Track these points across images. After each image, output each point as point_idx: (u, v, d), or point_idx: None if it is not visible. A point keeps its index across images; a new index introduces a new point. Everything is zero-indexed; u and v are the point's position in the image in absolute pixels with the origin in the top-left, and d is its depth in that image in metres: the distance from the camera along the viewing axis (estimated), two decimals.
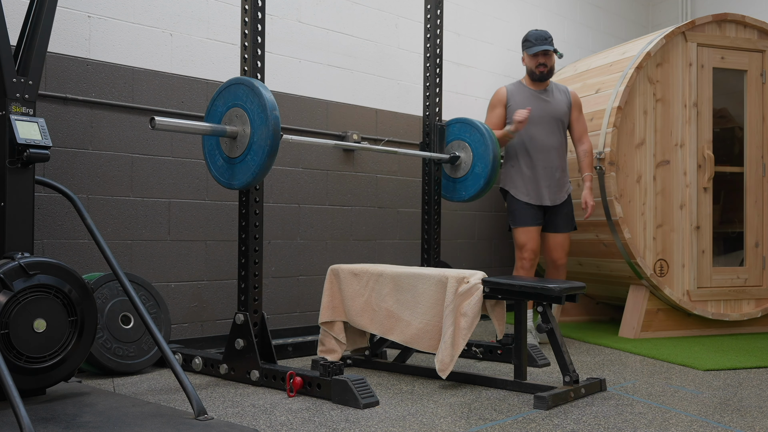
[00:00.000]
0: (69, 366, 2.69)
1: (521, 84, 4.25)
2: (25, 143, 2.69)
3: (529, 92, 4.20)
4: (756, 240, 4.81)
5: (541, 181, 4.13)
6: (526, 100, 4.16)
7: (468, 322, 3.00)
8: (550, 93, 4.23)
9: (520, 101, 4.16)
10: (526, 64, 4.20)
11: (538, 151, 4.14)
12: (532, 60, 4.16)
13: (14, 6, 3.34)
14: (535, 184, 4.13)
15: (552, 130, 4.17)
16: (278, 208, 4.39)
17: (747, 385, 3.19)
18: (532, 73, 4.18)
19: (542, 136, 4.15)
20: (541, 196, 4.13)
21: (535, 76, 4.18)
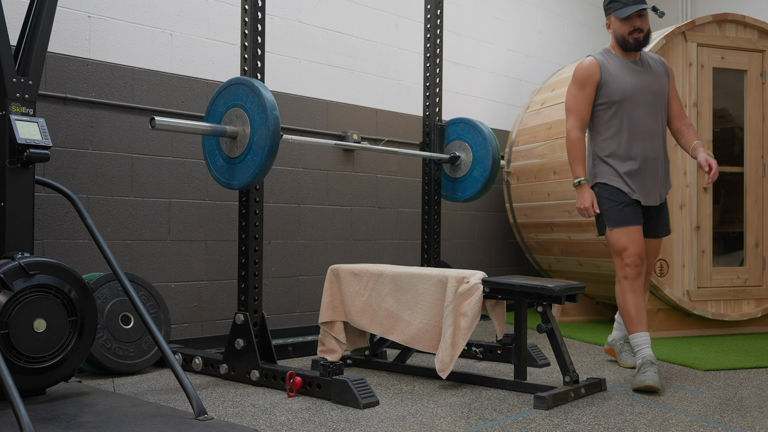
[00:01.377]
0: (69, 366, 2.69)
1: (610, 52, 3.39)
2: (25, 143, 2.69)
3: (623, 63, 3.33)
4: (756, 240, 4.81)
5: (647, 175, 3.28)
6: (623, 73, 3.30)
7: (468, 322, 3.00)
8: (645, 64, 3.36)
9: (616, 74, 3.30)
10: (615, 30, 3.36)
11: (642, 137, 3.28)
12: (624, 25, 3.30)
13: (14, 6, 3.34)
14: (641, 179, 3.27)
15: (656, 109, 3.32)
16: (278, 208, 4.39)
17: (747, 385, 3.19)
18: (625, 42, 3.31)
19: (645, 118, 3.29)
20: (646, 193, 3.28)
21: (629, 45, 3.31)
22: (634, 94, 3.27)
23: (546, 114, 5.25)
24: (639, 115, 3.28)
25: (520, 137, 5.44)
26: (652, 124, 3.29)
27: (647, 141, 3.28)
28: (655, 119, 3.31)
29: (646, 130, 3.28)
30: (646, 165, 3.27)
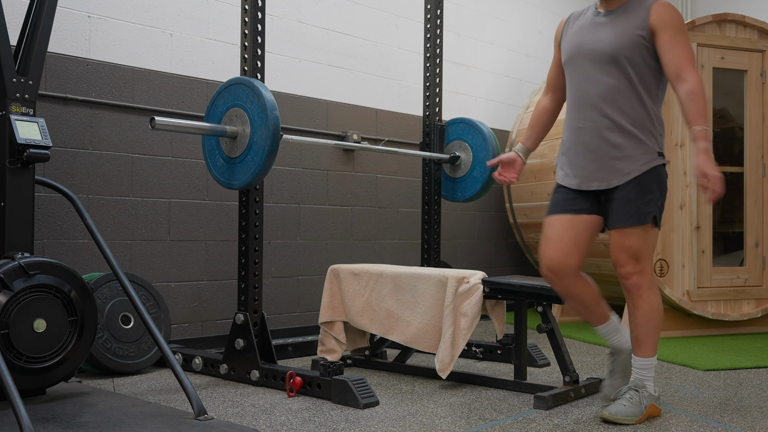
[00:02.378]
0: (69, 366, 2.69)
1: (592, 7, 2.76)
2: (25, 143, 2.69)
3: (589, 18, 2.72)
4: (756, 240, 4.81)
5: (580, 151, 2.67)
6: (578, 30, 2.72)
7: (468, 322, 3.00)
8: (620, 14, 2.63)
9: (572, 32, 2.75)
10: None
11: (579, 106, 2.69)
12: None
13: (14, 6, 3.34)
14: (573, 156, 2.70)
15: (600, 70, 2.62)
16: (278, 208, 4.39)
17: (747, 385, 3.19)
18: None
19: (583, 82, 2.67)
20: (580, 174, 2.66)
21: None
22: (575, 54, 2.68)
23: None
24: (577, 79, 2.70)
25: (520, 137, 5.44)
26: (590, 89, 2.63)
27: (582, 110, 2.66)
28: (595, 82, 2.62)
29: (582, 96, 2.67)
30: (578, 139, 2.66)
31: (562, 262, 2.63)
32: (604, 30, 2.62)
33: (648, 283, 2.58)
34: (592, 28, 2.66)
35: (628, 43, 2.56)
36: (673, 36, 2.53)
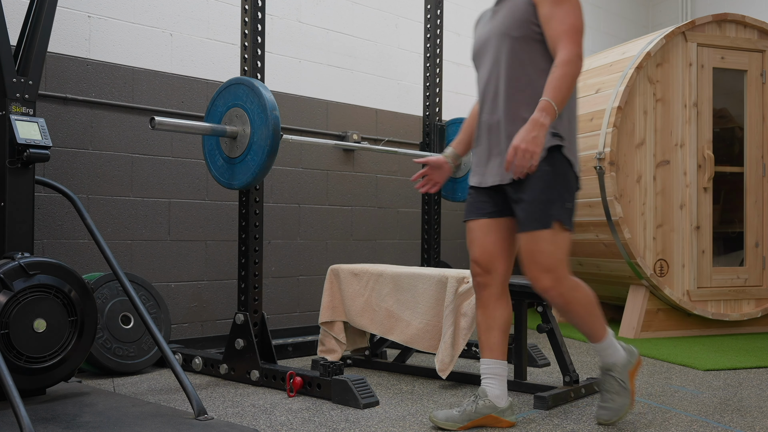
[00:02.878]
0: (69, 366, 2.69)
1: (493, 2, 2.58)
2: (25, 143, 2.69)
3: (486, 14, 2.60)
4: (756, 240, 4.81)
5: (484, 146, 2.49)
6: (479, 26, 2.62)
7: (468, 322, 3.00)
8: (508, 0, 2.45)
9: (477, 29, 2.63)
10: None
11: (482, 99, 2.51)
12: None
13: (14, 6, 3.34)
14: (479, 153, 2.52)
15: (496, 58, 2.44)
16: (278, 208, 4.39)
17: (747, 385, 3.19)
18: None
19: (484, 73, 2.50)
20: (485, 171, 2.48)
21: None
22: (478, 48, 2.54)
23: None
24: (479, 74, 2.54)
25: None
26: (489, 79, 2.46)
27: (483, 103, 2.50)
28: (492, 72, 2.45)
29: (482, 89, 2.51)
30: (480, 133, 2.51)
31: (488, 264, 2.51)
32: (496, 18, 2.46)
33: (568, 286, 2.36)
34: (488, 21, 2.52)
35: (514, 24, 2.37)
36: (552, 8, 2.31)
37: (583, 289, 2.41)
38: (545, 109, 2.20)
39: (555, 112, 2.21)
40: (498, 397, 2.45)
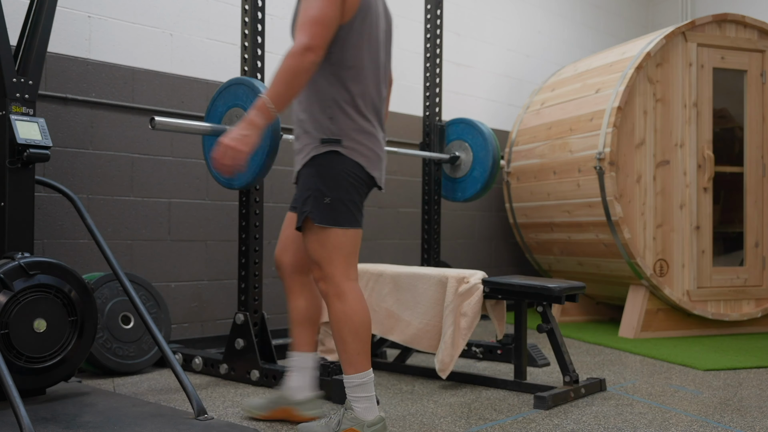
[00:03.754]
0: (69, 366, 2.69)
1: None
2: (25, 143, 2.69)
3: None
4: (756, 240, 4.81)
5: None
6: None
7: (468, 322, 3.00)
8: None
9: None
10: None
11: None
12: None
13: (14, 6, 3.34)
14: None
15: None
16: (278, 208, 4.38)
17: (747, 385, 3.19)
18: None
19: None
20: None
21: None
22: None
23: (546, 114, 5.25)
24: None
25: (520, 137, 5.44)
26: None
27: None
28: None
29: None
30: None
31: (278, 257, 2.50)
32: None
33: (334, 291, 2.23)
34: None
35: (294, 18, 2.32)
36: (300, 1, 2.24)
37: (353, 305, 2.22)
38: (259, 107, 2.10)
39: (268, 110, 2.09)
40: (295, 389, 2.45)
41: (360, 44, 2.24)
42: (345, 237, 2.24)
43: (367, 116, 2.28)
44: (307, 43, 2.08)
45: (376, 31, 2.30)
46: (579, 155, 4.74)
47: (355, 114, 2.25)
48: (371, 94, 2.30)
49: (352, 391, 2.23)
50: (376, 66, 2.32)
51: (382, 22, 2.35)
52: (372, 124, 2.30)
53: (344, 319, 2.21)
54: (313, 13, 2.12)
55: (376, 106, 2.33)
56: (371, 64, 2.29)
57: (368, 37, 2.27)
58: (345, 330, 2.21)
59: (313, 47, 2.09)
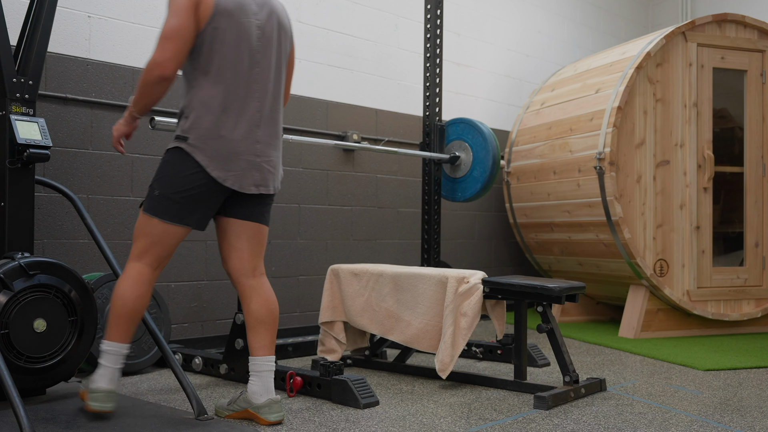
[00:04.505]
0: (69, 366, 2.69)
1: None
2: (25, 143, 2.69)
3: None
4: (756, 240, 4.81)
5: None
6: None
7: (468, 322, 3.00)
8: None
9: None
10: None
11: None
12: None
13: (14, 6, 3.34)
14: None
15: None
16: (278, 208, 4.39)
17: (747, 385, 3.19)
18: None
19: None
20: None
21: None
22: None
23: (546, 114, 5.25)
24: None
25: (520, 137, 5.44)
26: None
27: None
28: None
29: None
30: None
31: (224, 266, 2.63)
32: None
33: (128, 268, 2.44)
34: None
35: None
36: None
37: (124, 281, 2.42)
38: (128, 109, 2.48)
39: (131, 113, 2.46)
40: (255, 393, 2.48)
41: (219, 49, 2.36)
42: (160, 228, 2.42)
43: (224, 119, 2.38)
44: (155, 59, 2.29)
45: (243, 34, 2.39)
46: (579, 155, 4.75)
47: (209, 116, 2.37)
48: (235, 96, 2.40)
49: (101, 354, 2.41)
50: (245, 68, 2.41)
51: (254, 25, 2.42)
52: (228, 125, 2.39)
53: (115, 289, 2.43)
54: (166, 28, 2.31)
55: (242, 108, 2.41)
56: (236, 67, 2.39)
57: (231, 42, 2.37)
58: (113, 297, 2.42)
59: (160, 62, 2.29)
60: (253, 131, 2.43)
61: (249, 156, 2.42)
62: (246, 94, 2.42)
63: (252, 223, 2.53)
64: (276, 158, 2.52)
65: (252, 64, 2.42)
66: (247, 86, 2.42)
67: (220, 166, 2.38)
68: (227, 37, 2.37)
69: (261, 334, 2.52)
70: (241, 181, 2.42)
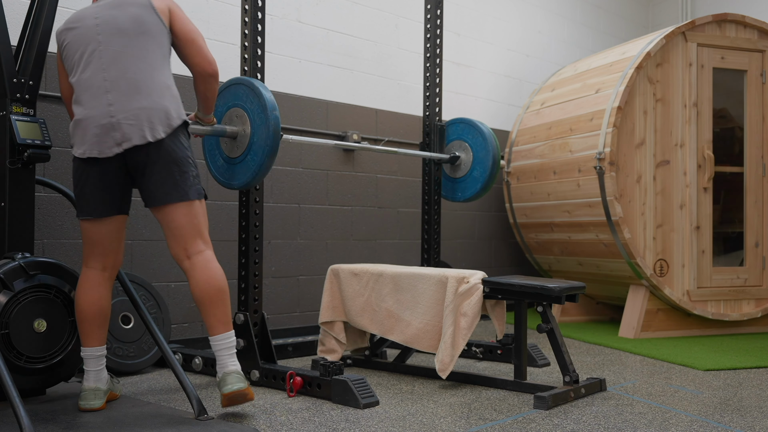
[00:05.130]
0: (69, 366, 2.69)
1: None
2: (25, 143, 2.69)
3: None
4: (756, 240, 4.81)
5: None
6: None
7: (468, 322, 3.00)
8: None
9: None
10: None
11: None
12: None
13: (14, 6, 3.34)
14: None
15: None
16: (278, 208, 4.39)
17: (747, 385, 3.19)
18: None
19: None
20: None
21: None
22: None
23: (546, 114, 5.26)
24: None
25: (520, 137, 5.44)
26: None
27: None
28: None
29: None
30: None
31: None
32: None
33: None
34: None
35: None
36: None
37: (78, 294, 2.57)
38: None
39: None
40: (217, 373, 2.56)
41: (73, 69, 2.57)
42: (83, 227, 2.59)
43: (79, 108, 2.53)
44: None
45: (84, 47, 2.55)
46: (579, 155, 4.75)
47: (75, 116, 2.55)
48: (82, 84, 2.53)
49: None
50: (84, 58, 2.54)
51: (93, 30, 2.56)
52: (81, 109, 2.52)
53: (78, 308, 2.57)
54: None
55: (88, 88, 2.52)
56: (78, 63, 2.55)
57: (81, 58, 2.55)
58: (78, 316, 2.57)
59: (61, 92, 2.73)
60: (102, 98, 2.49)
61: (102, 120, 2.47)
62: (90, 75, 2.52)
63: (159, 207, 2.56)
64: (141, 109, 2.48)
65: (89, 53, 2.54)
66: (87, 69, 2.53)
67: (79, 144, 2.50)
68: (78, 56, 2.56)
69: (205, 315, 2.54)
70: (100, 147, 2.48)
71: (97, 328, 2.55)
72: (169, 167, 2.52)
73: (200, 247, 2.59)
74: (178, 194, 2.55)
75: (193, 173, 2.59)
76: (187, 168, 2.56)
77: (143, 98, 2.51)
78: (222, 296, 2.54)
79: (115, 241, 2.61)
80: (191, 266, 2.56)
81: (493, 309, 3.12)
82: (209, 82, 2.70)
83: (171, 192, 2.54)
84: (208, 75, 2.67)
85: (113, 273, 2.63)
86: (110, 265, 2.60)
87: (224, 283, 2.56)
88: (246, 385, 2.48)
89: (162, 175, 2.52)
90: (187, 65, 2.70)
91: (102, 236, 2.56)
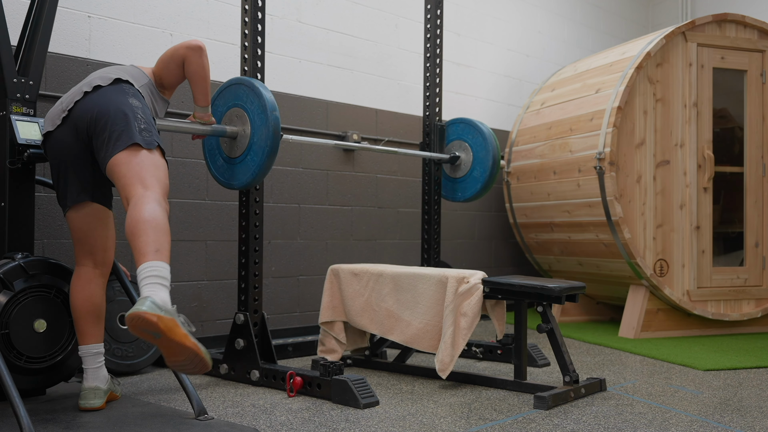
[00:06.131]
0: (69, 366, 2.69)
1: None
2: (25, 143, 2.69)
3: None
4: (756, 240, 4.81)
5: None
6: None
7: (468, 322, 3.00)
8: None
9: None
10: None
11: None
12: None
13: (14, 6, 3.34)
14: None
15: None
16: (278, 208, 4.39)
17: (747, 385, 3.19)
18: None
19: None
20: None
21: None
22: None
23: (546, 114, 5.25)
24: None
25: (520, 137, 5.44)
26: None
27: None
28: None
29: None
30: None
31: None
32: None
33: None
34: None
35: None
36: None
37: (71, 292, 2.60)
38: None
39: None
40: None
41: None
42: (69, 223, 2.59)
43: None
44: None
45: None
46: (579, 155, 4.75)
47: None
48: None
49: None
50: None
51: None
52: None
53: (72, 305, 2.60)
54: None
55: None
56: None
57: None
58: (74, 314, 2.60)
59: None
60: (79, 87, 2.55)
61: (71, 97, 2.52)
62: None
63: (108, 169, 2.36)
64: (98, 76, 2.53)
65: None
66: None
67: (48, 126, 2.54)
68: None
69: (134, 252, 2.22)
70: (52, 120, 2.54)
71: (91, 324, 2.55)
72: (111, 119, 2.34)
73: (138, 191, 2.24)
74: (121, 145, 2.31)
75: (141, 126, 2.35)
76: (130, 119, 2.35)
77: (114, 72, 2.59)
78: (143, 226, 2.14)
79: (100, 238, 2.58)
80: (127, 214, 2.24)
81: (493, 309, 3.12)
82: (191, 56, 2.71)
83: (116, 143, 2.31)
84: (186, 47, 2.70)
85: (105, 270, 2.62)
86: (101, 262, 2.60)
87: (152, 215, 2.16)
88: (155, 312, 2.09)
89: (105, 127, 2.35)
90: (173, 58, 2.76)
91: (83, 227, 2.54)
